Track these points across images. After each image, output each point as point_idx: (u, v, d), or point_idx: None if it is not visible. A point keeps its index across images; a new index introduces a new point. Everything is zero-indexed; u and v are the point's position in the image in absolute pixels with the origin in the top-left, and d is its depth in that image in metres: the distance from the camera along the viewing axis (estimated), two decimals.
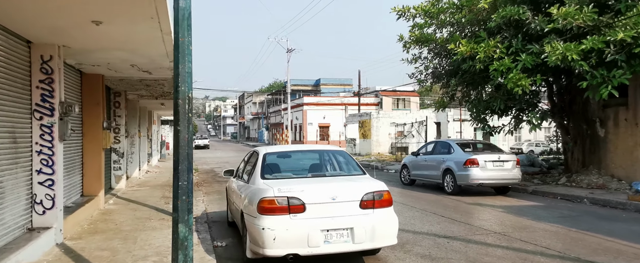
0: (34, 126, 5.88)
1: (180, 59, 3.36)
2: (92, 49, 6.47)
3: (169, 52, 6.70)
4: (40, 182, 5.89)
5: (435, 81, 14.17)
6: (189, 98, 3.39)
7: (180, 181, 3.37)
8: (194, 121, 8.13)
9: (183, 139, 3.36)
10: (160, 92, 13.04)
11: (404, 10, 13.50)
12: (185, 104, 3.37)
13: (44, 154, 5.91)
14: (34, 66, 5.91)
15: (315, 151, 6.06)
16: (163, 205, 9.52)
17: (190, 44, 3.39)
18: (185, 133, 3.37)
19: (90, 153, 8.82)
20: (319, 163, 5.84)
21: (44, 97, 5.93)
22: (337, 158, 5.96)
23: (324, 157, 5.95)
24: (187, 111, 3.38)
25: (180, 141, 3.36)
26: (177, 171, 3.38)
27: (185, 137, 3.37)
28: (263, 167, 5.46)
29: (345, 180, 5.17)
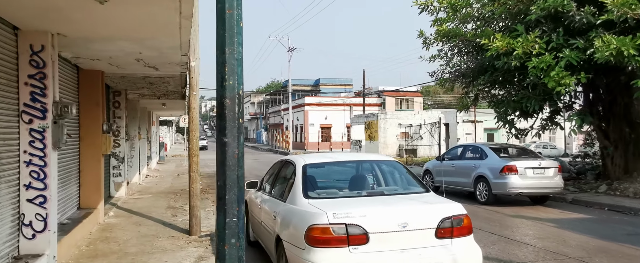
0: (22, 131, 4.84)
1: (228, 39, 2.34)
2: (93, 38, 5.43)
3: (184, 42, 5.68)
4: (30, 199, 4.84)
5: (461, 80, 13.21)
6: (239, 97, 2.38)
7: (228, 217, 2.35)
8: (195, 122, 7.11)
9: (231, 157, 2.35)
10: (163, 92, 11.98)
11: (427, 4, 12.53)
12: (235, 105, 2.36)
13: (35, 165, 4.86)
14: (22, 58, 4.86)
15: (362, 162, 5.04)
16: (170, 218, 8.48)
17: (240, 19, 2.39)
18: (235, 146, 2.35)
19: (88, 159, 7.76)
20: (370, 177, 4.82)
21: (35, 96, 4.89)
22: (390, 170, 4.96)
23: (375, 169, 4.93)
24: (237, 114, 2.36)
25: (228, 159, 2.35)
26: (222, 201, 2.36)
27: (235, 153, 2.36)
28: (305, 182, 4.45)
29: (411, 200, 4.17)
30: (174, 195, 11.83)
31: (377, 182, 4.76)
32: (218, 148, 2.37)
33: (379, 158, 5.20)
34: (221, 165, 2.36)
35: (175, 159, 29.70)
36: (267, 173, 6.24)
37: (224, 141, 2.35)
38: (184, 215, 8.84)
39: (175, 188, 13.28)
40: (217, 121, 2.39)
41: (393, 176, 4.88)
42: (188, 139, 7.40)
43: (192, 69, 7.28)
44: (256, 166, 23.42)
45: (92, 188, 7.80)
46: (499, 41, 9.81)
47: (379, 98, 43.29)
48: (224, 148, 2.35)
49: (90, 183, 7.78)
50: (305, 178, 4.53)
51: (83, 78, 7.80)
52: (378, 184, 4.74)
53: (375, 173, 4.88)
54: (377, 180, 4.79)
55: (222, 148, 2.35)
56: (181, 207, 9.78)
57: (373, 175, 4.84)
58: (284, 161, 5.47)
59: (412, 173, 4.84)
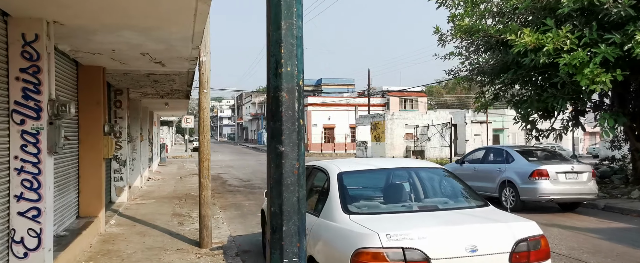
0: (13, 134, 4.19)
1: (284, 10, 1.70)
2: (94, 28, 4.79)
3: (197, 33, 5.03)
4: (21, 212, 4.19)
5: (481, 78, 12.58)
6: (300, 90, 1.73)
7: (286, 256, 1.69)
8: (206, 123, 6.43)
9: (290, 172, 1.70)
10: (168, 90, 11.33)
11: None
12: (294, 101, 1.71)
13: (27, 172, 4.21)
14: (13, 49, 4.22)
15: (404, 169, 4.36)
16: (176, 227, 7.83)
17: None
18: (295, 158, 1.70)
19: (88, 164, 7.11)
20: (418, 188, 4.16)
21: (27, 93, 4.25)
22: (437, 179, 4.31)
23: (422, 178, 4.27)
24: (298, 114, 1.72)
25: (285, 176, 1.70)
26: (278, 234, 1.70)
27: (296, 167, 1.71)
28: (343, 194, 3.80)
29: (475, 217, 3.51)
30: (179, 200, 11.18)
31: (424, 193, 4.11)
32: (271, 159, 1.72)
33: (422, 164, 4.54)
34: (276, 183, 1.70)
35: (176, 160, 29.05)
36: None
37: (280, 151, 1.70)
38: (191, 223, 8.19)
39: (179, 192, 12.63)
40: (269, 123, 1.74)
41: (441, 186, 4.23)
42: (198, 140, 6.76)
43: (202, 65, 6.63)
44: (261, 169, 22.77)
45: (92, 195, 7.15)
46: (527, 36, 9.17)
47: (383, 98, 42.67)
48: (280, 160, 1.70)
49: (90, 189, 7.14)
50: (343, 189, 3.88)
51: (83, 75, 7.15)
52: (425, 195, 4.09)
53: (421, 182, 4.22)
54: (425, 191, 4.14)
55: (277, 160, 1.70)
56: (188, 214, 9.12)
57: (422, 185, 4.19)
58: (312, 168, 4.82)
59: (464, 182, 4.20)
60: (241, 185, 15.80)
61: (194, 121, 25.80)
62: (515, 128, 39.41)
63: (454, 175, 4.39)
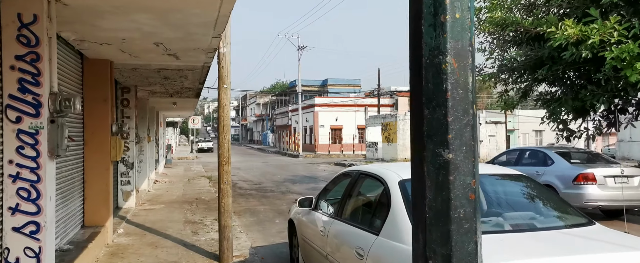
0: (7, 134, 3.50)
1: None
2: (102, 9, 4.09)
3: (222, 16, 4.32)
4: (17, 228, 3.49)
5: (510, 74, 11.83)
6: (474, 52, 1.00)
7: None
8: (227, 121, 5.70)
9: (463, 195, 0.98)
10: (178, 88, 10.65)
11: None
12: (468, 71, 0.99)
13: (24, 180, 3.51)
14: (7, 32, 3.52)
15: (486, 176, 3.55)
16: (191, 237, 7.12)
17: None
18: (469, 171, 0.98)
19: (94, 167, 6.42)
20: (502, 200, 3.43)
21: (24, 84, 3.55)
22: (525, 190, 3.57)
23: (504, 187, 3.53)
24: (472, 94, 0.99)
25: (454, 201, 0.97)
26: None
27: (471, 189, 0.98)
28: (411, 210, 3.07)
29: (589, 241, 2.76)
30: (190, 205, 10.48)
31: (510, 207, 3.37)
32: (426, 175, 1.00)
33: (501, 171, 3.77)
34: (438, 217, 1.00)
35: (182, 162, 28.40)
36: (325, 189, 4.86)
37: (445, 160, 1.00)
38: (206, 232, 7.49)
39: (188, 196, 11.94)
40: (418, 110, 1.02)
41: (529, 198, 3.49)
42: (217, 141, 6.05)
43: (222, 57, 5.93)
44: (270, 171, 22.08)
45: (99, 202, 6.46)
46: (570, 28, 8.42)
47: (392, 99, 41.86)
48: (445, 176, 0.99)
49: (96, 196, 6.44)
50: (409, 201, 3.15)
51: (88, 69, 6.47)
52: (512, 210, 3.35)
53: (503, 193, 3.49)
54: (510, 204, 3.40)
55: (440, 176, 0.99)
56: (201, 222, 8.42)
57: (502, 196, 3.45)
58: (359, 174, 4.09)
59: (555, 193, 3.47)
60: (252, 188, 15.10)
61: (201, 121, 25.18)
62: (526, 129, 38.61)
63: (540, 184, 3.65)
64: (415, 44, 1.00)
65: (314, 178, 18.65)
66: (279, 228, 8.22)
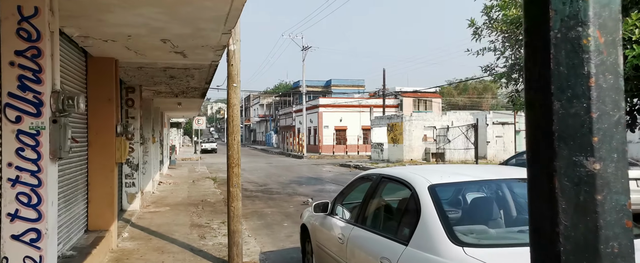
0: (6, 135, 3.25)
1: None
2: (108, 1, 3.84)
3: (234, 10, 4.07)
4: (16, 236, 3.24)
5: (521, 74, 11.55)
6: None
7: None
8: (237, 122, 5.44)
9: (616, 221, 0.70)
10: (183, 88, 10.41)
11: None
12: (618, 57, 0.72)
13: (24, 184, 3.27)
14: (6, 25, 3.28)
15: (515, 182, 3.29)
16: (198, 241, 6.87)
17: None
18: (621, 187, 0.71)
19: (98, 169, 6.18)
20: None
21: (25, 82, 3.31)
22: None
23: None
24: (619, 88, 0.72)
25: (604, 231, 0.70)
26: None
27: (626, 213, 0.71)
28: (444, 217, 2.81)
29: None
30: (195, 207, 10.24)
31: None
32: (559, 191, 0.72)
33: None
34: (577, 252, 0.70)
35: (185, 163, 28.18)
36: (342, 193, 4.60)
37: (590, 172, 0.71)
38: (213, 236, 7.23)
39: (193, 199, 11.70)
40: (547, 107, 0.74)
41: None
42: (227, 142, 5.79)
43: (231, 54, 5.68)
44: (275, 172, 21.83)
45: (103, 205, 6.22)
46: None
47: (396, 99, 41.55)
48: (591, 193, 0.70)
49: (101, 199, 6.20)
50: (441, 208, 2.88)
51: (92, 68, 6.24)
52: None
53: None
54: None
55: (581, 193, 0.71)
56: (208, 225, 8.17)
57: None
58: (381, 178, 3.83)
59: None
60: (258, 190, 14.85)
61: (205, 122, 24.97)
62: None
63: None
64: (538, 12, 0.74)
65: (319, 179, 18.38)
66: (288, 232, 7.96)
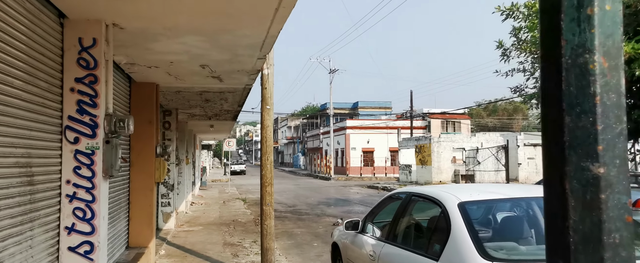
0: (66, 154, 3.56)
1: None
2: (154, 31, 4.18)
3: (270, 37, 4.34)
4: (72, 248, 3.51)
5: None
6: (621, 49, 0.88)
7: None
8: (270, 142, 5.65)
9: (618, 217, 0.84)
10: (217, 111, 10.82)
11: (513, 9, 10.96)
12: (620, 72, 0.87)
13: (80, 200, 3.55)
14: (69, 55, 3.64)
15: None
16: (231, 259, 7.05)
17: None
18: (623, 188, 0.85)
19: (139, 189, 6.51)
20: None
21: (83, 106, 3.63)
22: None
23: None
24: (622, 102, 0.86)
25: (608, 224, 0.84)
26: None
27: (626, 210, 0.85)
28: (474, 233, 2.88)
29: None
30: (227, 227, 10.46)
31: None
32: (569, 192, 0.87)
33: None
34: (587, 242, 0.85)
35: (215, 184, 28.73)
36: (372, 212, 4.70)
37: (595, 175, 0.87)
38: (246, 255, 7.40)
39: (225, 219, 11.95)
40: (559, 119, 0.89)
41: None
42: (260, 162, 6.03)
43: (265, 78, 5.97)
44: (303, 193, 21.96)
45: (143, 223, 6.51)
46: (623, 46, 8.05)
47: (424, 121, 41.28)
48: (596, 193, 0.85)
49: (141, 217, 6.50)
50: (471, 225, 2.96)
51: (135, 92, 6.65)
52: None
53: None
54: None
55: (588, 193, 0.85)
56: (240, 244, 8.35)
57: None
58: (411, 196, 3.93)
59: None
60: (287, 210, 15.00)
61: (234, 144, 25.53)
62: None
63: None
64: (552, 42, 0.89)
65: (347, 200, 18.37)
66: (318, 252, 8.03)
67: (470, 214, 3.10)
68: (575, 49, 0.86)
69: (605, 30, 0.84)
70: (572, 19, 0.86)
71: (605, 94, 0.84)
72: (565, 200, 0.86)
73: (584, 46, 0.85)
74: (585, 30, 0.85)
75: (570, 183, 0.85)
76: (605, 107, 0.84)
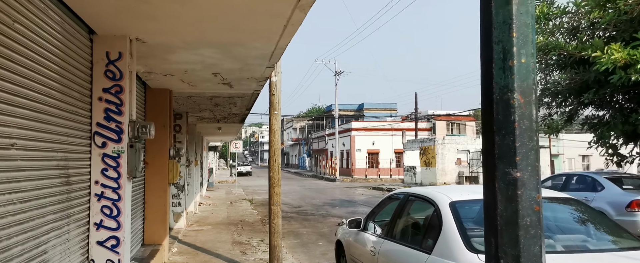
0: (94, 157, 3.95)
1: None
2: (174, 45, 4.57)
3: (278, 49, 4.71)
4: (100, 242, 3.89)
5: (554, 98, 11.67)
6: (536, 90, 1.24)
7: None
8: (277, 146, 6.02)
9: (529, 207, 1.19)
10: (225, 114, 11.22)
11: None
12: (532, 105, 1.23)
13: (107, 199, 3.94)
14: (97, 67, 4.03)
15: None
16: (240, 257, 7.41)
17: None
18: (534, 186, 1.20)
19: (154, 189, 6.90)
20: (553, 223, 3.51)
21: (109, 113, 4.02)
22: (573, 213, 3.64)
23: (554, 210, 3.63)
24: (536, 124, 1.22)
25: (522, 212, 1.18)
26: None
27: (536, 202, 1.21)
28: (463, 229, 3.23)
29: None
30: (235, 227, 10.84)
31: (561, 229, 3.45)
32: (497, 190, 1.22)
33: (550, 194, 3.87)
34: (508, 224, 1.20)
35: (222, 185, 29.17)
36: (372, 212, 5.05)
37: (513, 178, 1.20)
38: (254, 252, 7.76)
39: (233, 219, 12.33)
40: (492, 137, 1.24)
41: (581, 221, 3.56)
42: (268, 165, 6.40)
43: (273, 85, 6.33)
44: (309, 194, 22.31)
45: (157, 222, 6.90)
46: (617, 52, 8.33)
47: (429, 123, 41.51)
48: (514, 191, 1.20)
49: (155, 216, 6.89)
50: (461, 223, 3.30)
51: (150, 98, 7.04)
52: (563, 232, 3.43)
53: (552, 216, 3.57)
54: (561, 228, 3.48)
55: (509, 191, 1.20)
56: (248, 242, 8.72)
57: (551, 218, 3.54)
58: (408, 196, 4.27)
59: (606, 216, 3.52)
60: (292, 211, 15.35)
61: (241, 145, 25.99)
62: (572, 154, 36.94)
63: (591, 207, 3.71)
64: (487, 83, 1.24)
65: (352, 202, 18.69)
66: (323, 250, 8.38)
67: (460, 212, 3.44)
68: (502, 89, 1.21)
69: (521, 77, 1.20)
70: (499, 68, 1.21)
71: (521, 121, 1.19)
72: (495, 195, 1.21)
73: (508, 87, 1.20)
74: (508, 76, 1.20)
75: (498, 183, 1.21)
76: (521, 130, 1.19)
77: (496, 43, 1.23)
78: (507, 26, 1.21)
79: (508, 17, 1.21)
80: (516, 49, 1.20)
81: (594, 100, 10.51)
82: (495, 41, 1.23)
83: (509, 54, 1.21)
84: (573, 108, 12.04)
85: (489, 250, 1.24)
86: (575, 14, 10.69)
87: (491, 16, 1.23)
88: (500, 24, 1.22)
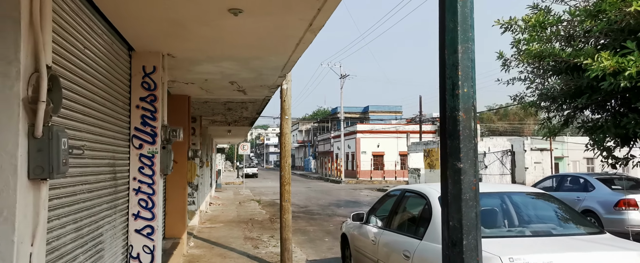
0: (132, 157, 4.57)
1: (461, 35, 1.83)
2: (199, 59, 5.20)
3: (291, 61, 5.32)
4: (138, 230, 4.51)
5: (551, 103, 12.18)
6: (475, 109, 1.84)
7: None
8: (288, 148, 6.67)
9: (468, 188, 1.78)
10: (236, 118, 11.86)
11: (511, 23, 11.79)
12: (471, 120, 1.83)
13: (143, 193, 4.56)
14: (135, 79, 4.66)
15: (505, 194, 4.30)
16: (252, 250, 8.03)
17: (472, 9, 1.87)
18: (472, 174, 1.80)
19: (174, 187, 7.53)
20: (525, 213, 4.10)
21: (145, 119, 4.65)
22: (542, 205, 4.21)
23: (527, 203, 4.21)
24: (474, 132, 1.82)
25: (464, 191, 1.78)
26: (458, 248, 1.77)
27: (473, 184, 1.80)
28: None
29: (596, 244, 3.40)
30: (245, 224, 11.46)
31: (532, 219, 4.03)
32: (449, 176, 1.81)
33: (523, 189, 4.44)
34: (455, 199, 1.79)
35: (229, 186, 29.83)
36: (373, 208, 5.64)
37: (458, 168, 1.79)
38: (265, 247, 8.37)
39: (243, 217, 12.95)
40: (446, 141, 1.84)
41: (549, 213, 4.13)
42: (280, 165, 7.01)
43: (284, 92, 6.95)
44: (314, 195, 22.91)
45: (177, 217, 7.53)
46: (606, 60, 8.85)
47: (433, 125, 41.96)
48: (459, 176, 1.79)
49: (175, 212, 7.52)
50: None
51: (171, 103, 7.63)
52: (534, 221, 4.00)
53: (526, 207, 4.14)
54: (532, 217, 4.05)
55: (456, 176, 1.79)
56: (259, 238, 9.33)
57: (524, 210, 4.11)
58: (404, 192, 4.86)
59: (572, 208, 4.08)
60: (299, 211, 15.94)
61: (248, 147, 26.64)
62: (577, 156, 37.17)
63: (561, 201, 4.27)
64: (442, 105, 1.84)
65: (357, 202, 19.25)
66: (329, 246, 8.97)
67: None
68: (451, 109, 1.81)
69: (464, 101, 1.79)
70: (450, 95, 1.81)
71: (464, 130, 1.79)
72: (447, 180, 1.81)
73: (455, 108, 1.80)
74: (455, 100, 1.80)
75: (449, 172, 1.80)
76: (464, 136, 1.79)
77: (448, 78, 1.83)
78: (454, 67, 1.81)
79: (456, 61, 1.81)
80: (461, 82, 1.80)
81: (588, 104, 11.01)
82: (448, 76, 1.83)
83: (456, 86, 1.81)
84: (570, 112, 12.55)
85: (444, 216, 1.83)
86: (570, 22, 11.22)
87: (445, 60, 1.83)
88: (450, 65, 1.82)
